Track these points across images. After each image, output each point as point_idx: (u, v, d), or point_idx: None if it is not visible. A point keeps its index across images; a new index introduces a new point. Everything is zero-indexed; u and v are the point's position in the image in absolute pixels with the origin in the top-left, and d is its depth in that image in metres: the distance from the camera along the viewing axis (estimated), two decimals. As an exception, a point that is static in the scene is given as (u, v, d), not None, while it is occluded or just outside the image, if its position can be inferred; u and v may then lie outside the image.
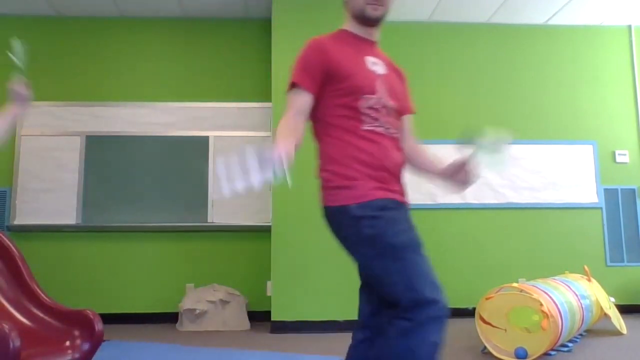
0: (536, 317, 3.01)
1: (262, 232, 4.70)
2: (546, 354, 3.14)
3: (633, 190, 5.16)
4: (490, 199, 5.01)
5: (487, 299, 3.20)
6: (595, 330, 4.02)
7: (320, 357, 3.31)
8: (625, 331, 3.92)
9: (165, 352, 3.52)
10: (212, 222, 4.83)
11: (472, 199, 4.98)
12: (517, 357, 3.05)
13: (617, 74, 5.33)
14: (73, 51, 5.05)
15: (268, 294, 4.49)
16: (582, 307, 3.44)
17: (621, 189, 5.16)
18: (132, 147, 4.91)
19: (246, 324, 4.44)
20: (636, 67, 5.35)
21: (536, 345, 3.02)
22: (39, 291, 2.46)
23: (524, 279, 4.57)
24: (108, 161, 4.89)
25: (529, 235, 5.00)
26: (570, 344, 3.42)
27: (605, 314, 3.87)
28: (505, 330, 3.11)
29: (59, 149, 4.85)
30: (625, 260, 5.07)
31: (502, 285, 3.33)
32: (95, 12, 5.02)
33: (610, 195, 5.14)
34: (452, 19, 5.20)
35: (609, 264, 5.04)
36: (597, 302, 3.76)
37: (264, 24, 5.05)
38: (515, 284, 3.33)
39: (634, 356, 3.28)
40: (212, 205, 4.85)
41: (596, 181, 5.13)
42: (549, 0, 4.86)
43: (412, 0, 4.83)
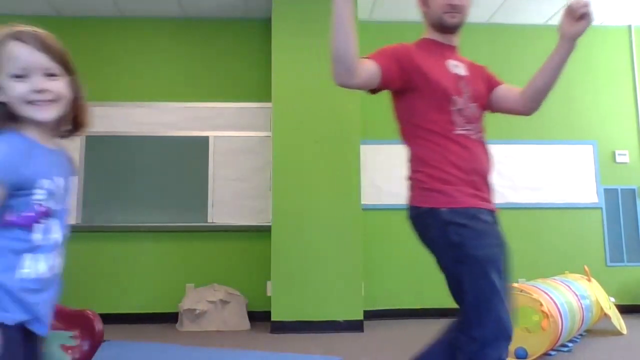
0: (536, 317, 3.01)
1: (262, 232, 4.70)
2: (546, 354, 3.14)
3: (633, 190, 5.16)
4: (490, 199, 5.01)
5: (487, 299, 3.20)
6: (595, 330, 4.01)
7: (320, 357, 3.31)
8: (625, 331, 3.92)
9: (165, 352, 3.52)
10: (212, 222, 4.83)
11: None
12: (517, 357, 3.05)
13: (617, 74, 5.33)
14: (73, 51, 4.97)
15: (268, 294, 4.49)
16: (582, 307, 3.44)
17: (621, 189, 5.16)
18: (132, 147, 4.91)
19: (246, 324, 4.44)
20: (636, 67, 5.35)
21: (536, 345, 3.02)
22: (39, 291, 2.46)
23: (524, 279, 4.56)
24: (108, 161, 4.88)
25: (529, 235, 5.00)
26: (570, 344, 3.42)
27: (605, 314, 3.87)
28: (505, 330, 3.11)
29: (59, 149, 4.85)
30: (625, 260, 5.07)
31: (502, 285, 3.33)
32: (95, 12, 5.02)
33: (610, 195, 5.14)
34: (452, 19, 5.19)
35: (609, 264, 5.04)
36: (597, 302, 3.76)
37: (264, 24, 5.05)
38: (515, 284, 3.33)
39: (634, 356, 3.28)
40: (212, 205, 4.85)
41: (596, 181, 5.13)
42: (549, 0, 4.86)
43: (412, 0, 4.83)
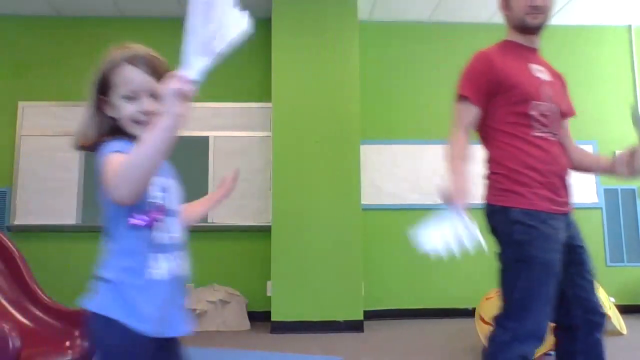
0: (536, 317, 3.01)
1: (262, 232, 4.70)
2: (546, 354, 3.13)
3: (633, 190, 5.16)
4: (490, 199, 5.01)
5: (487, 299, 3.20)
6: (595, 330, 4.01)
7: (320, 357, 3.31)
8: (625, 331, 3.92)
9: (165, 352, 3.51)
10: (212, 222, 4.83)
11: (472, 199, 4.97)
12: (517, 357, 3.04)
13: (617, 74, 5.33)
14: (73, 51, 5.04)
15: (268, 294, 4.49)
16: (582, 307, 3.43)
17: (621, 189, 5.16)
18: (132, 147, 4.91)
19: (246, 324, 4.44)
20: (636, 67, 5.34)
21: (536, 345, 3.02)
22: (39, 291, 2.46)
23: (524, 279, 4.56)
24: (108, 161, 4.88)
25: (529, 235, 4.99)
26: (570, 344, 3.41)
27: (605, 314, 3.86)
28: (505, 330, 3.10)
29: (59, 149, 4.83)
30: (625, 260, 5.06)
31: (502, 285, 3.33)
32: (95, 12, 5.01)
33: (610, 195, 5.14)
34: (452, 19, 5.19)
35: (609, 264, 5.04)
36: (597, 302, 3.75)
37: (264, 24, 5.04)
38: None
39: (634, 356, 3.28)
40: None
41: (596, 181, 5.12)
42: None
43: (412, 0, 4.83)
